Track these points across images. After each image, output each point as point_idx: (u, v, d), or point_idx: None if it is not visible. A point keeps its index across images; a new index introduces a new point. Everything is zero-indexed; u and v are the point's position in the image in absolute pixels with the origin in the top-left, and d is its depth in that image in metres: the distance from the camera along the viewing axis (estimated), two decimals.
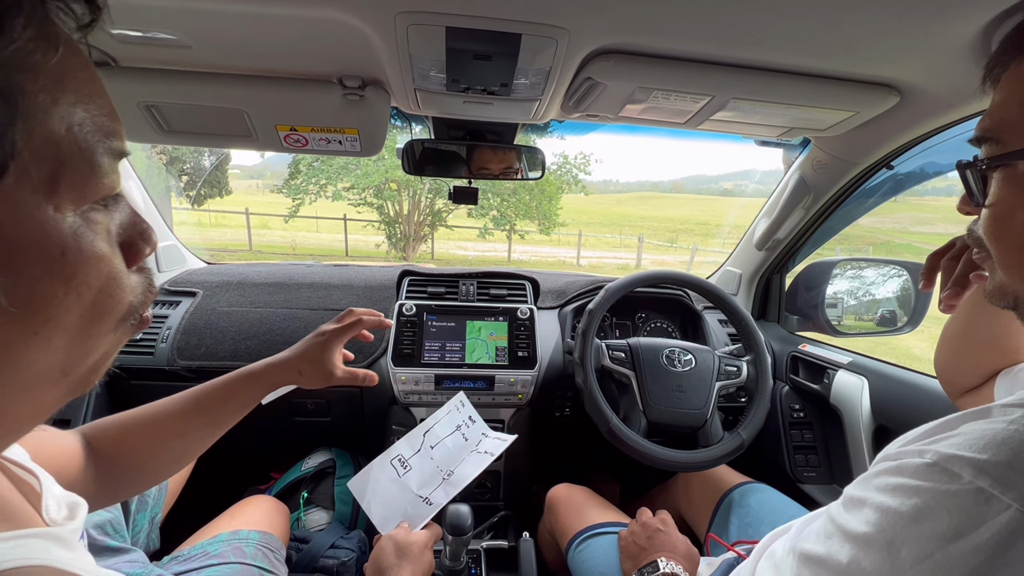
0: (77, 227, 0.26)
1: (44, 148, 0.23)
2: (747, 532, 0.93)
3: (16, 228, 0.23)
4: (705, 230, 21.86)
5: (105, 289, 0.28)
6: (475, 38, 0.65)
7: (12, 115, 0.22)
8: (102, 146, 0.27)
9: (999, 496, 0.32)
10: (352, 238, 12.55)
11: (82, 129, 0.25)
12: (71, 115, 0.25)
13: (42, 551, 0.28)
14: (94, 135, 0.26)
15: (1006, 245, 0.39)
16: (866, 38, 0.64)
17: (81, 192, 0.26)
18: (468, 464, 0.87)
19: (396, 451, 0.89)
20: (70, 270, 0.26)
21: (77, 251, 0.26)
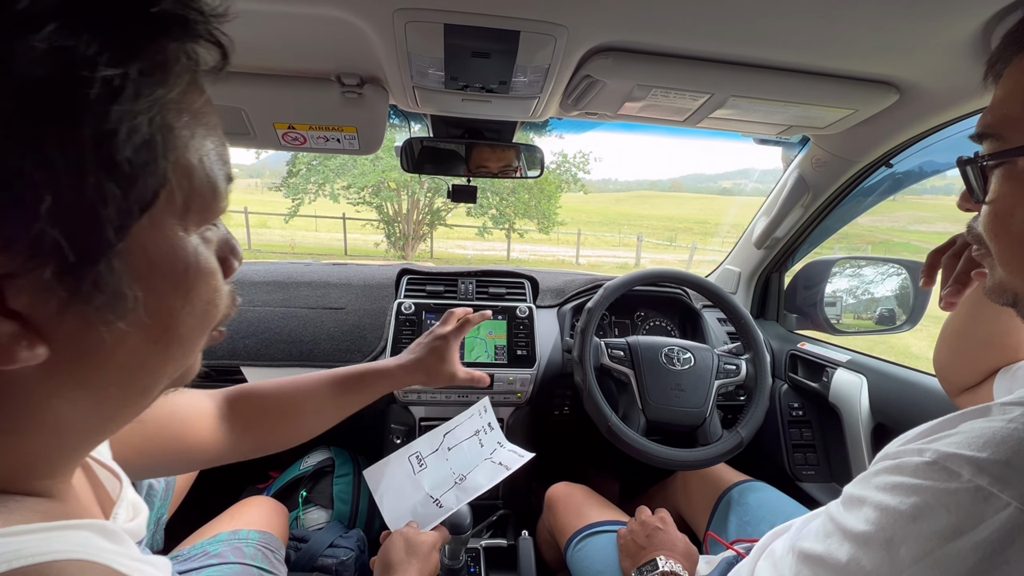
0: (197, 246, 0.29)
1: (183, 177, 0.26)
2: (746, 530, 0.93)
3: (156, 248, 0.26)
4: (704, 229, 21.88)
5: (211, 301, 0.31)
6: (473, 35, 0.65)
7: (166, 149, 0.24)
8: (221, 172, 0.29)
9: (998, 494, 0.32)
10: (351, 237, 12.55)
11: (209, 158, 0.28)
12: (202, 147, 0.27)
13: (82, 542, 0.29)
14: (217, 163, 0.29)
15: (1005, 242, 0.39)
16: (866, 35, 0.64)
17: (204, 215, 0.29)
18: (481, 473, 0.87)
19: (415, 448, 0.89)
20: (189, 285, 0.29)
21: (196, 267, 0.29)
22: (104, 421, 0.30)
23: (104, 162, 0.22)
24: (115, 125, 0.21)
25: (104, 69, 0.21)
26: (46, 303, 0.23)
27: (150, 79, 0.23)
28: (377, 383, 0.77)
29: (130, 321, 0.26)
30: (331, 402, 0.74)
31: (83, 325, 0.24)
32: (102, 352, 0.26)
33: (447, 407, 1.22)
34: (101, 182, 0.22)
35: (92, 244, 0.22)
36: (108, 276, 0.24)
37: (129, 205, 0.23)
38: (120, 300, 0.25)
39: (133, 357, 0.28)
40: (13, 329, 0.22)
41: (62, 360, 0.25)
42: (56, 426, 0.28)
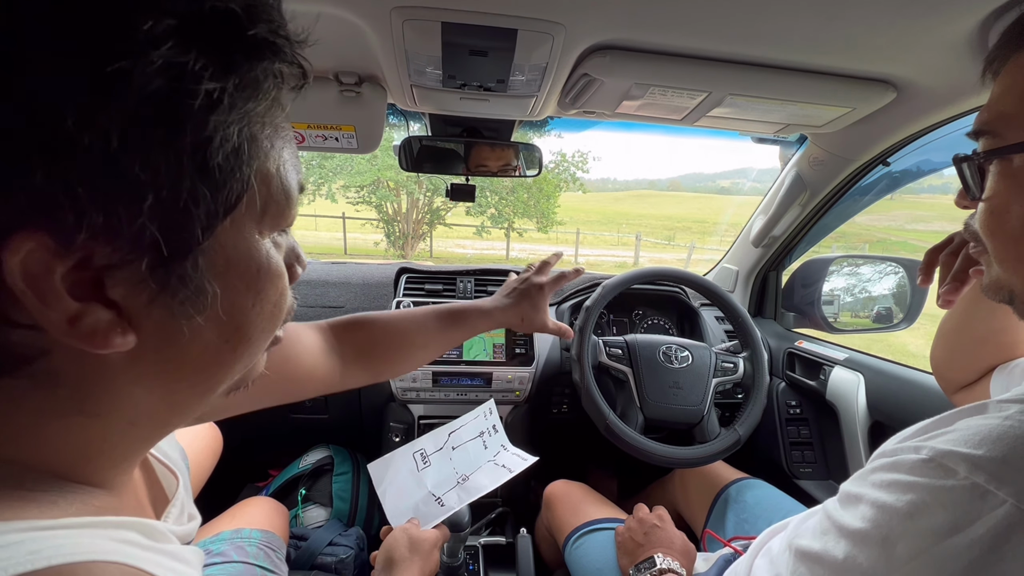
0: (269, 249, 0.31)
1: (262, 184, 0.28)
2: (743, 528, 0.93)
3: (234, 248, 0.28)
4: (702, 228, 21.89)
5: (278, 303, 0.33)
6: (471, 34, 0.65)
7: (250, 157, 0.26)
8: (295, 180, 0.31)
9: (994, 492, 0.32)
10: (351, 236, 12.54)
11: (285, 167, 0.30)
12: (280, 157, 0.29)
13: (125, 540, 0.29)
14: (291, 172, 0.31)
15: (1001, 239, 0.39)
16: (863, 34, 0.64)
17: (277, 220, 0.30)
18: (484, 475, 0.87)
19: (419, 445, 0.89)
20: (261, 286, 0.30)
21: (267, 270, 0.31)
22: (171, 414, 0.32)
23: (199, 166, 0.24)
24: (211, 133, 0.24)
25: (207, 83, 0.23)
26: (139, 294, 0.25)
27: (243, 93, 0.25)
28: (478, 321, 0.80)
29: (208, 317, 0.28)
30: (438, 335, 0.76)
31: (167, 317, 0.26)
32: (180, 345, 0.28)
33: (446, 405, 1.22)
34: (195, 184, 0.24)
35: (183, 241, 0.25)
36: (193, 272, 0.26)
37: (216, 207, 0.25)
38: (201, 295, 0.27)
39: (206, 353, 0.29)
40: (110, 317, 0.24)
41: (146, 350, 0.27)
42: (132, 414, 0.29)
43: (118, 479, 0.32)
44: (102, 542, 0.27)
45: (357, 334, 0.70)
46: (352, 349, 0.69)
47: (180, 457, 0.86)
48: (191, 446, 0.91)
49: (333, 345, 0.68)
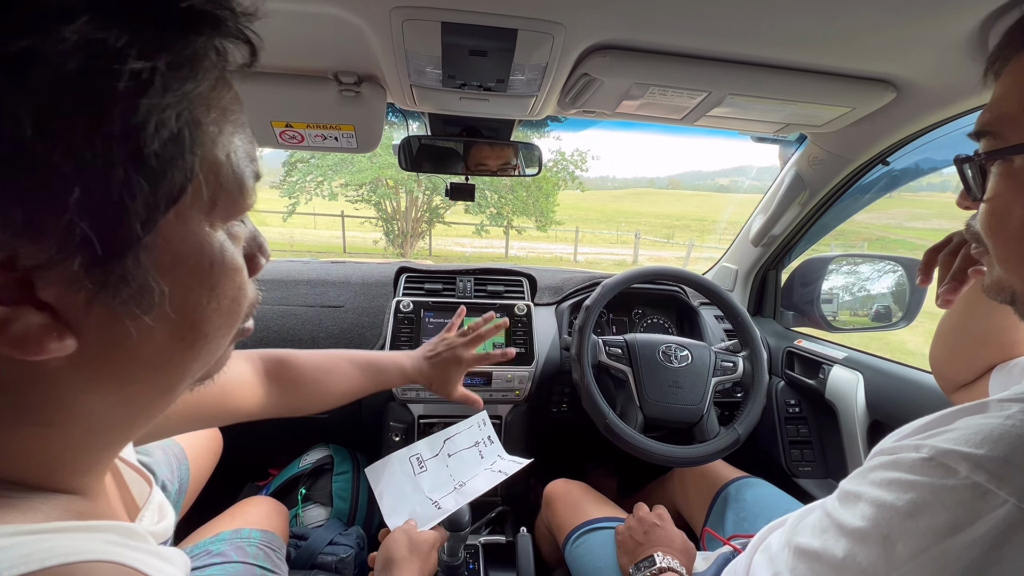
0: (223, 242, 0.29)
1: (210, 172, 0.26)
2: (743, 526, 0.93)
3: (182, 243, 0.26)
4: (701, 226, 21.89)
5: (236, 299, 0.31)
6: (471, 34, 0.65)
7: (193, 144, 0.24)
8: (249, 169, 0.29)
9: (995, 491, 0.32)
10: (350, 235, 12.52)
11: (236, 155, 0.28)
12: (230, 143, 0.28)
13: (108, 541, 0.29)
14: (244, 160, 0.29)
15: (1002, 240, 0.39)
16: (863, 33, 0.64)
17: (230, 211, 0.29)
18: (480, 479, 0.88)
19: (416, 449, 0.90)
20: (215, 280, 0.29)
21: (222, 263, 0.29)
22: (132, 417, 0.31)
23: (132, 156, 0.22)
24: (143, 119, 0.22)
25: (133, 62, 0.21)
26: (74, 295, 0.23)
27: (178, 73, 0.23)
28: (393, 377, 0.85)
29: (156, 316, 0.26)
30: (356, 383, 0.81)
31: (111, 318, 0.25)
32: (129, 347, 0.26)
33: (446, 405, 1.22)
34: (129, 175, 0.22)
35: (120, 237, 0.23)
36: (135, 270, 0.24)
37: (156, 199, 0.23)
38: (147, 294, 0.25)
39: (159, 353, 0.28)
40: (43, 320, 0.23)
41: (91, 353, 0.25)
42: (87, 420, 0.28)
43: (92, 484, 0.32)
44: (92, 544, 0.27)
45: (284, 371, 0.74)
46: (277, 385, 0.73)
47: (178, 457, 0.87)
48: (191, 447, 0.91)
49: (262, 378, 0.71)
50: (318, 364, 0.78)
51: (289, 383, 0.74)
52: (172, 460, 0.85)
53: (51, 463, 0.28)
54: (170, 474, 0.84)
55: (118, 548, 0.29)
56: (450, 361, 0.89)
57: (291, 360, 0.75)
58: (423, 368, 0.88)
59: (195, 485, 0.93)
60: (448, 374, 0.89)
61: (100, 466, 0.32)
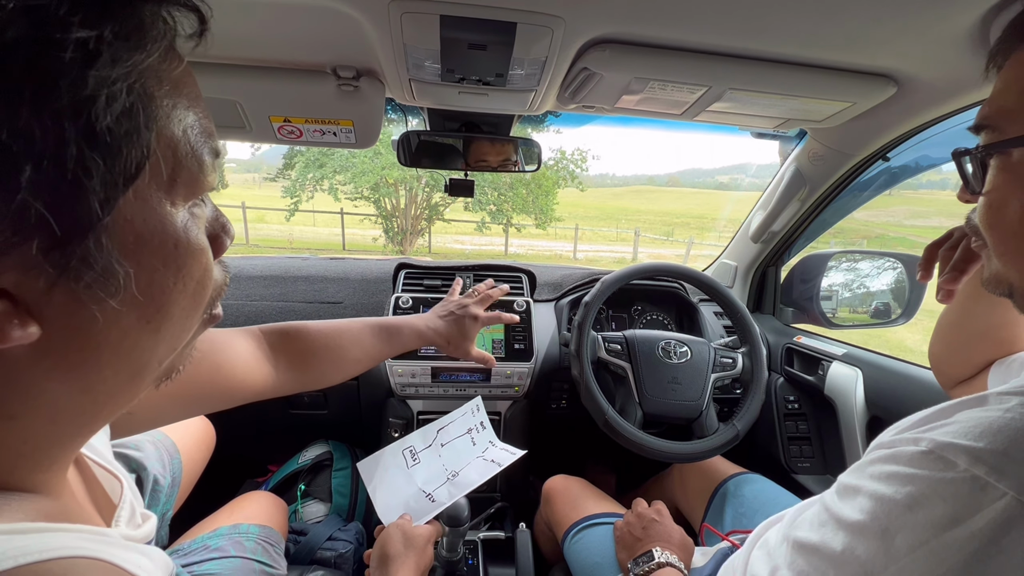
0: (186, 221, 0.28)
1: (167, 149, 0.26)
2: (741, 522, 0.93)
3: (144, 223, 0.25)
4: (701, 224, 21.88)
5: (202, 280, 0.30)
6: (469, 27, 0.64)
7: (147, 119, 0.24)
8: (207, 146, 0.29)
9: (995, 484, 0.32)
10: (349, 232, 12.51)
11: (193, 131, 0.28)
12: (185, 118, 0.27)
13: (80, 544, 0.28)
14: (201, 136, 0.28)
15: (1000, 233, 0.39)
16: (864, 27, 0.64)
17: (191, 189, 0.28)
18: (473, 469, 0.88)
19: (409, 442, 0.89)
20: (181, 261, 0.28)
21: (187, 244, 0.28)
22: (97, 406, 0.30)
23: (84, 131, 0.21)
24: (93, 91, 0.21)
25: (78, 30, 0.20)
26: (34, 280, 0.22)
27: (126, 43, 0.22)
28: (409, 339, 0.82)
29: (122, 299, 0.25)
30: (371, 349, 0.77)
31: (74, 303, 0.24)
32: (95, 332, 0.25)
33: (445, 400, 1.22)
34: (83, 152, 0.21)
35: (78, 217, 0.22)
36: (97, 252, 0.23)
37: (114, 177, 0.23)
38: (111, 277, 0.24)
39: (126, 338, 0.27)
40: (3, 307, 0.22)
41: (55, 340, 0.24)
42: (51, 411, 0.27)
43: (52, 482, 0.30)
44: (68, 540, 0.26)
45: (293, 343, 0.70)
46: (286, 358, 0.69)
47: (169, 452, 0.86)
48: (183, 440, 0.91)
49: (267, 352, 0.67)
50: (328, 332, 0.74)
51: (299, 355, 0.70)
52: (164, 454, 0.85)
53: (13, 459, 0.27)
54: (162, 468, 0.83)
55: (95, 544, 0.28)
56: (465, 318, 0.87)
57: (298, 330, 0.71)
58: (439, 327, 0.85)
59: (188, 479, 0.92)
60: (464, 330, 0.86)
61: (63, 460, 0.31)
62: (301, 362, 0.70)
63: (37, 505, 0.28)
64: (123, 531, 0.39)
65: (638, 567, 0.77)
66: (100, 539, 0.29)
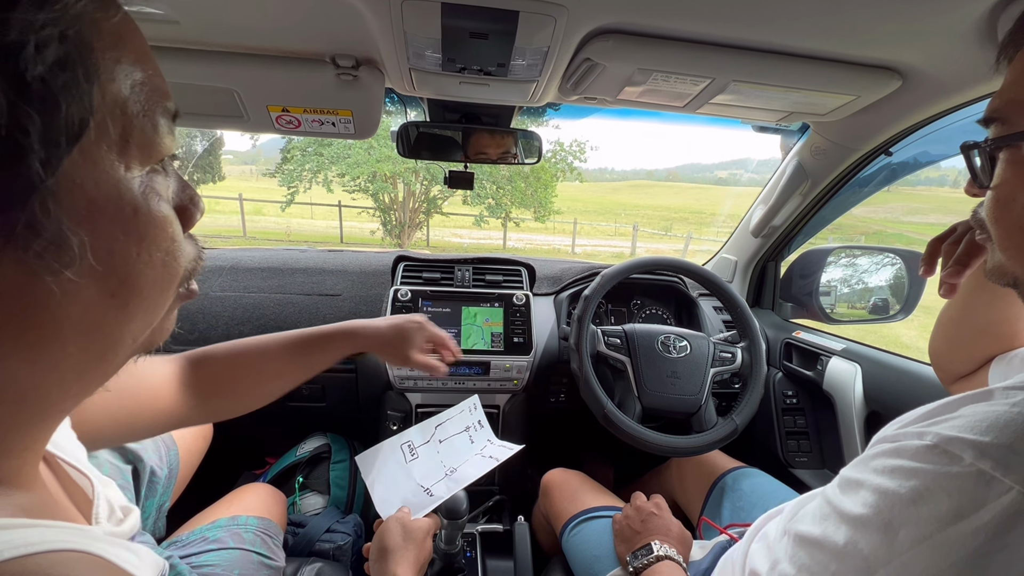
0: (145, 187, 0.27)
1: (115, 105, 0.24)
2: (739, 516, 0.94)
3: (95, 187, 0.24)
4: (699, 219, 21.88)
5: (171, 251, 0.29)
6: (471, 15, 0.63)
7: (89, 73, 0.22)
8: (160, 106, 0.27)
9: (1000, 478, 0.32)
10: (347, 225, 12.46)
11: (143, 89, 0.26)
12: (133, 75, 0.25)
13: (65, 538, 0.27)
14: (153, 95, 0.27)
15: (1005, 227, 0.39)
16: (870, 20, 0.63)
17: (147, 152, 0.27)
18: (471, 465, 0.88)
19: (407, 437, 0.89)
20: (143, 230, 0.26)
21: (147, 211, 0.27)
22: (65, 385, 0.28)
23: (15, 81, 0.19)
24: (19, 36, 0.19)
25: None
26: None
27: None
28: (341, 345, 0.77)
29: (80, 271, 0.24)
30: (295, 363, 0.73)
31: (27, 275, 0.22)
32: (53, 307, 0.24)
33: (443, 394, 1.22)
34: (15, 106, 0.20)
35: (17, 179, 0.21)
36: (44, 218, 0.22)
37: (54, 135, 0.21)
38: (63, 246, 0.23)
39: (89, 313, 0.25)
40: None
41: (10, 315, 0.23)
42: (13, 392, 0.25)
43: (24, 473, 0.29)
44: (53, 534, 0.26)
45: (204, 369, 0.65)
46: (203, 384, 0.65)
47: (167, 443, 0.86)
48: (180, 432, 0.91)
49: (188, 379, 0.63)
50: (238, 352, 0.68)
51: (207, 382, 0.65)
52: (160, 446, 0.85)
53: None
54: (159, 460, 0.83)
55: (80, 538, 0.27)
56: (409, 324, 0.83)
57: (207, 357, 0.66)
58: (380, 330, 0.80)
59: (186, 470, 0.92)
60: (406, 335, 0.82)
61: (34, 447, 0.30)
62: (216, 388, 0.66)
63: (13, 500, 0.27)
64: (105, 527, 0.38)
65: (637, 560, 0.77)
66: (84, 534, 0.28)
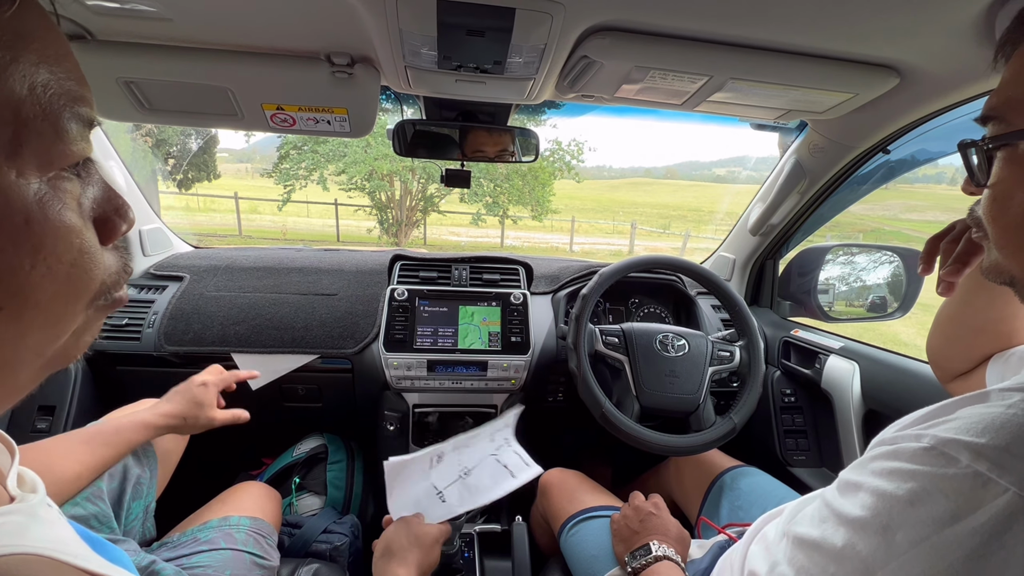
0: (43, 195, 0.25)
1: (4, 107, 0.23)
2: (738, 515, 0.94)
3: None
4: (698, 216, 21.89)
5: (78, 263, 0.27)
6: (468, 12, 0.63)
7: None
8: (68, 111, 0.26)
9: (997, 480, 0.32)
10: (343, 223, 12.43)
11: (46, 91, 0.24)
12: (34, 75, 0.24)
13: (20, 532, 0.27)
14: (59, 98, 0.25)
15: (1002, 226, 0.39)
16: (867, 17, 0.63)
17: (46, 158, 0.25)
18: (485, 470, 0.88)
19: (439, 448, 0.91)
20: (36, 241, 0.25)
21: (43, 220, 0.25)
22: None
23: None
24: None
25: None
26: None
27: None
28: (135, 436, 0.78)
29: None
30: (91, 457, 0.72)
31: None
32: None
33: (441, 394, 1.22)
34: None
35: None
36: None
37: None
38: None
39: None
40: None
41: None
42: None
43: None
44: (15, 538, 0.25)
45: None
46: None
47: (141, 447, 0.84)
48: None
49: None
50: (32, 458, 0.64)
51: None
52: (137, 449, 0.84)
53: None
54: (136, 461, 0.83)
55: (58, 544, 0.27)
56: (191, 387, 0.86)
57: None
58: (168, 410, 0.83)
59: (166, 467, 0.91)
60: (196, 399, 0.85)
61: None
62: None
63: None
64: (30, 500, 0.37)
65: (635, 560, 0.77)
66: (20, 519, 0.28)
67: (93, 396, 1.15)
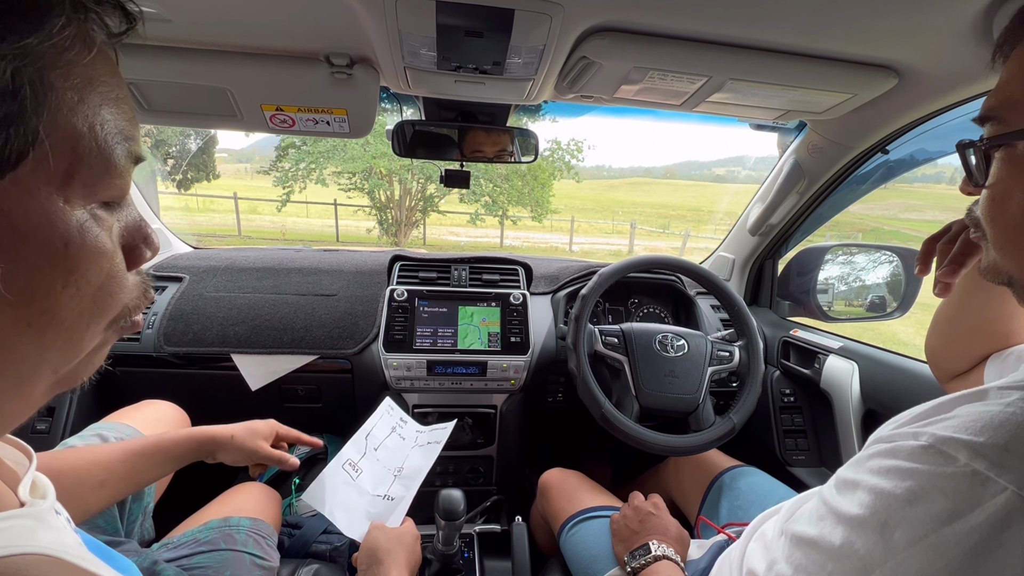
0: (84, 222, 0.26)
1: (65, 142, 0.24)
2: (737, 515, 0.94)
3: (24, 217, 0.24)
4: (697, 216, 21.89)
5: (105, 287, 0.28)
6: (466, 13, 0.63)
7: (38, 106, 0.23)
8: (120, 148, 0.28)
9: (995, 478, 0.32)
10: (343, 223, 12.43)
11: (103, 129, 0.26)
12: (95, 115, 0.26)
13: (28, 535, 0.28)
14: (114, 136, 0.27)
15: (1000, 226, 0.39)
16: (866, 18, 0.63)
17: (93, 189, 0.27)
18: (416, 458, 0.88)
19: (344, 456, 0.88)
20: (72, 263, 0.26)
21: (81, 245, 0.26)
22: None
23: None
24: None
25: None
26: None
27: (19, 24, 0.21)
28: (188, 451, 0.76)
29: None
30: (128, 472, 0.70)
31: None
32: None
33: (441, 394, 1.22)
34: None
35: None
36: None
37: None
38: None
39: (2, 339, 0.25)
40: None
41: None
42: None
43: None
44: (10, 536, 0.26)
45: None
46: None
47: None
48: (146, 429, 0.91)
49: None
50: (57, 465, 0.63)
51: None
52: None
53: None
54: None
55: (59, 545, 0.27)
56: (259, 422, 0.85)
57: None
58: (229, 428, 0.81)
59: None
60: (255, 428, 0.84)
61: None
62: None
63: None
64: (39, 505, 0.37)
65: (635, 560, 0.77)
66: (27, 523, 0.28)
67: (93, 397, 1.15)
